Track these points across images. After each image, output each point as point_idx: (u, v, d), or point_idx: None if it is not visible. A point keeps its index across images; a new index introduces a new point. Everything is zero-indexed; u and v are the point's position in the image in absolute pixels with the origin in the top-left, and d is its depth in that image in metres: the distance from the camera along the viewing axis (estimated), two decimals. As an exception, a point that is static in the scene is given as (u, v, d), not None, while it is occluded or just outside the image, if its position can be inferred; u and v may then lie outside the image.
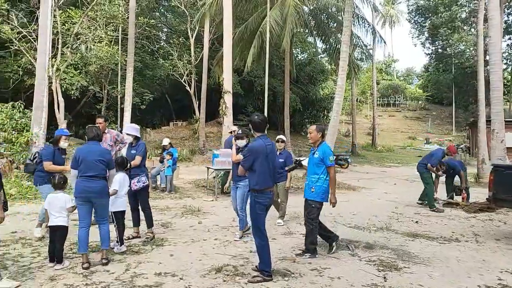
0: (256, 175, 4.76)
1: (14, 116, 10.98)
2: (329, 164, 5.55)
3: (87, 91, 21.66)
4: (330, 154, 5.59)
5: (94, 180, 5.20)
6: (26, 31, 14.02)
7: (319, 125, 5.90)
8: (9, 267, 5.11)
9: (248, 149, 4.81)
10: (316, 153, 5.64)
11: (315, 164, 5.64)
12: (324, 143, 5.72)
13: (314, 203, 5.62)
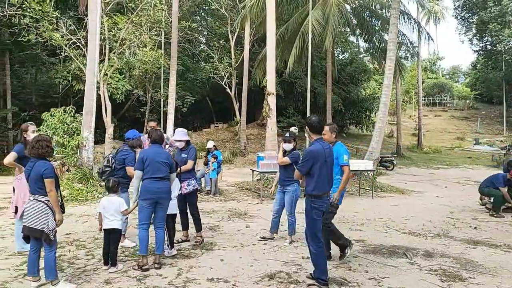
0: (314, 180, 4.59)
1: (65, 120, 11.34)
2: (343, 163, 5.44)
3: (131, 95, 22.21)
4: (345, 153, 5.49)
5: (162, 181, 5.32)
6: (76, 38, 14.48)
7: (331, 125, 5.70)
8: (65, 269, 5.19)
9: (306, 153, 4.62)
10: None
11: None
12: (339, 142, 5.62)
13: (332, 208, 5.37)
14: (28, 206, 4.51)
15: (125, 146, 6.46)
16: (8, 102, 21.95)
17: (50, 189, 4.47)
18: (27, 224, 4.45)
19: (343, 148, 5.54)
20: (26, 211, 4.50)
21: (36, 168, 4.50)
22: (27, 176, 4.56)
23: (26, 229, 4.47)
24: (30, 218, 4.44)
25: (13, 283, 4.69)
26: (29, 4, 13.05)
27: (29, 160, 5.65)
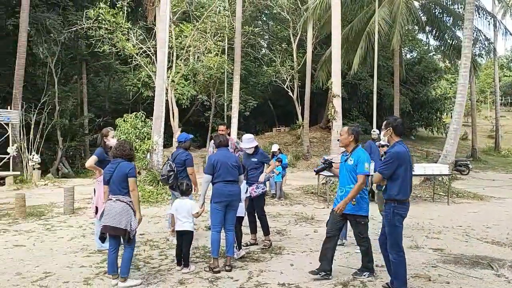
0: (399, 183, 4.33)
1: (137, 125, 11.88)
2: (363, 172, 4.78)
3: (196, 100, 22.84)
4: (366, 160, 4.85)
5: (233, 184, 5.43)
6: (146, 47, 15.19)
7: (352, 126, 5.22)
8: (141, 268, 5.37)
9: (391, 155, 4.38)
10: (350, 159, 4.94)
11: (350, 172, 4.92)
12: (359, 147, 5.02)
13: (362, 218, 4.92)
14: (111, 206, 4.71)
15: (180, 149, 6.64)
16: (85, 109, 23.51)
17: (133, 188, 4.72)
18: (111, 223, 4.65)
19: (365, 155, 4.91)
20: (109, 211, 4.71)
21: (120, 168, 4.72)
22: (109, 178, 4.77)
23: (110, 228, 4.67)
24: (114, 218, 4.65)
25: (95, 280, 4.92)
26: (104, 17, 13.89)
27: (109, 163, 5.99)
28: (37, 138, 16.59)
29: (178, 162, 6.52)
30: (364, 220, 4.91)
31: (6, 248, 6.18)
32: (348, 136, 5.00)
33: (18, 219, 8.22)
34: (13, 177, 14.50)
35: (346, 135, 5.01)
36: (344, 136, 5.02)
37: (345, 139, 5.01)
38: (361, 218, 4.90)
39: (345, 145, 5.05)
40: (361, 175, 4.78)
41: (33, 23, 18.13)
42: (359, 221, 4.91)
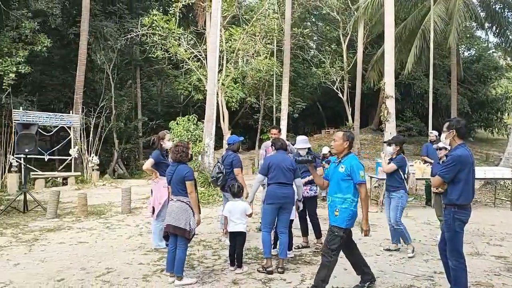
0: (460, 187, 4.15)
1: (189, 128, 12.21)
2: (360, 180, 4.37)
3: (245, 103, 23.08)
4: (361, 168, 4.44)
5: (287, 187, 5.48)
6: (197, 51, 15.58)
7: (347, 132, 4.71)
8: (196, 267, 5.51)
9: (453, 158, 4.20)
10: (341, 166, 4.48)
11: (340, 181, 4.46)
12: (352, 154, 4.57)
13: (338, 229, 4.39)
14: (172, 206, 4.91)
15: (229, 151, 6.76)
16: (139, 113, 24.46)
17: (191, 191, 4.90)
18: (172, 222, 4.83)
19: (357, 162, 4.48)
20: (170, 210, 4.90)
21: (178, 171, 4.94)
22: (170, 179, 4.99)
23: (171, 228, 4.84)
24: (175, 217, 4.83)
25: (153, 277, 5.10)
26: (158, 23, 14.40)
27: (165, 165, 6.23)
28: (96, 141, 17.50)
29: (226, 163, 6.65)
30: (339, 231, 4.36)
31: (71, 245, 6.56)
32: (343, 142, 4.53)
33: (81, 217, 8.70)
34: (75, 177, 15.36)
35: (341, 141, 4.53)
36: (339, 142, 4.54)
37: (340, 146, 4.53)
38: (337, 229, 4.38)
39: (339, 152, 4.57)
40: (360, 185, 4.37)
41: (92, 31, 19.14)
42: (333, 230, 4.41)
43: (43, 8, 17.50)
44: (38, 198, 9.95)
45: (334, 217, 4.42)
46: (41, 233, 7.24)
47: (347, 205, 4.36)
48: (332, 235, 4.40)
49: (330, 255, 4.37)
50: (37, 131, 10.00)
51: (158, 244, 6.32)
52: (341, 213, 4.37)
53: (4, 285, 4.73)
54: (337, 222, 4.37)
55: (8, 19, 17.37)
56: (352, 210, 4.38)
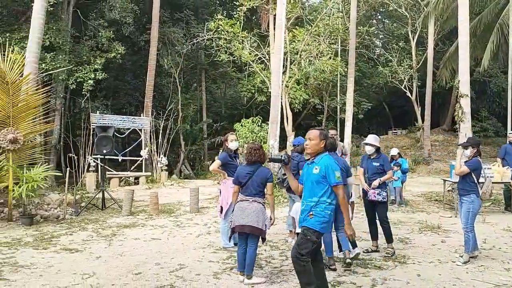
0: None
1: (254, 130, 12.36)
2: (335, 182, 3.99)
3: (308, 104, 22.91)
4: (336, 168, 4.04)
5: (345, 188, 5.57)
6: (261, 54, 15.74)
7: (323, 130, 4.25)
8: (264, 267, 5.54)
9: None
10: (315, 167, 4.08)
11: (315, 183, 4.08)
12: (326, 154, 4.15)
13: (310, 232, 3.99)
14: (248, 207, 4.96)
15: (294, 153, 6.75)
16: (204, 115, 25.19)
17: (271, 192, 5.09)
18: (249, 223, 4.89)
19: (333, 162, 4.06)
20: (244, 210, 4.95)
21: (260, 173, 5.04)
22: (246, 180, 5.02)
23: (248, 228, 4.90)
24: (252, 218, 4.89)
25: (223, 275, 5.21)
26: (223, 28, 14.76)
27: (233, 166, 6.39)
28: (164, 142, 18.30)
29: (292, 165, 6.62)
30: (312, 235, 3.96)
31: (146, 241, 6.89)
32: (320, 141, 4.09)
33: (153, 215, 9.12)
34: (145, 177, 16.16)
35: (317, 140, 4.08)
36: (315, 142, 4.08)
37: (316, 145, 4.09)
38: (310, 232, 3.99)
39: (314, 152, 4.14)
40: (336, 187, 3.98)
41: (160, 37, 20.03)
42: (306, 233, 4.01)
43: (116, 17, 18.62)
44: (113, 196, 10.57)
45: (308, 220, 4.02)
46: (118, 229, 7.68)
47: (323, 208, 4.00)
48: (303, 239, 4.00)
49: (301, 260, 3.95)
50: (113, 133, 10.63)
51: (226, 243, 6.45)
52: (317, 215, 3.99)
53: (88, 276, 5.07)
54: (312, 224, 3.99)
55: (86, 29, 18.70)
56: (328, 213, 4.03)
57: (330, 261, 5.37)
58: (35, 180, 8.01)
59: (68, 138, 18.47)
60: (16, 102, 8.36)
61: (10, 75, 8.21)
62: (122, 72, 22.52)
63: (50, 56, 15.25)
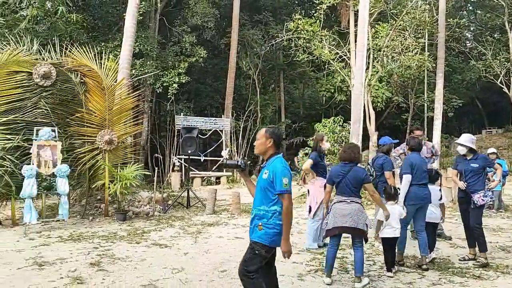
0: None
1: (335, 130, 12.08)
2: (281, 190, 3.43)
3: (391, 102, 21.93)
4: (285, 174, 3.45)
5: (426, 188, 5.60)
6: (341, 52, 15.36)
7: (271, 128, 3.72)
8: (350, 271, 5.33)
9: None
10: (265, 171, 3.55)
11: (264, 190, 3.54)
12: (278, 157, 3.58)
13: (259, 247, 3.50)
14: (347, 208, 4.80)
15: (379, 153, 6.61)
16: (282, 116, 25.25)
17: (373, 191, 4.99)
18: (349, 224, 4.75)
19: (282, 166, 3.50)
20: (342, 211, 4.78)
21: (355, 173, 4.88)
22: (340, 180, 4.86)
23: (349, 229, 4.78)
24: (352, 218, 4.75)
25: (307, 276, 5.10)
26: (303, 27, 14.64)
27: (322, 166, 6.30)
28: (244, 143, 18.62)
29: (376, 166, 6.49)
30: (260, 249, 3.50)
31: (229, 239, 7.01)
32: (266, 140, 3.62)
33: (235, 215, 9.27)
34: (226, 177, 16.56)
35: (263, 139, 3.63)
36: (260, 141, 3.63)
37: (262, 145, 3.63)
38: (258, 246, 3.51)
39: (262, 153, 3.68)
40: (282, 195, 3.45)
41: (239, 40, 20.46)
42: (254, 247, 3.53)
43: (198, 23, 19.37)
44: (197, 195, 10.94)
45: (257, 232, 3.54)
46: (203, 227, 7.90)
47: (273, 219, 3.49)
48: (251, 254, 3.54)
49: (250, 278, 3.49)
50: (197, 134, 11.01)
51: (310, 244, 6.34)
52: (266, 228, 3.49)
53: (177, 271, 5.26)
54: (260, 238, 3.50)
55: (171, 36, 19.69)
56: (280, 225, 3.50)
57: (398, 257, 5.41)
58: (127, 178, 8.54)
59: (154, 139, 19.57)
60: (111, 106, 8.98)
61: (106, 81, 8.84)
62: (203, 75, 23.37)
63: (139, 62, 16.28)
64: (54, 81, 8.37)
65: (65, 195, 7.76)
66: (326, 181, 5.00)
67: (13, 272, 5.12)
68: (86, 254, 5.91)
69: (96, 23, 18.67)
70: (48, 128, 7.94)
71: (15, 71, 8.14)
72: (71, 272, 5.07)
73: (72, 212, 8.66)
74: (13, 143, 7.84)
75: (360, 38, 11.15)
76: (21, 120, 8.12)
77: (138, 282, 4.82)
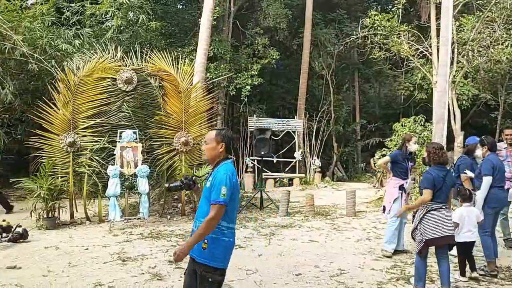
0: None
1: (415, 130, 11.37)
2: (216, 200, 2.95)
3: (477, 100, 20.27)
4: (225, 183, 2.97)
5: (505, 191, 5.52)
6: (422, 47, 14.49)
7: (222, 130, 3.22)
8: (435, 281, 4.94)
9: None
10: (209, 179, 3.11)
11: (207, 198, 3.08)
12: (226, 163, 3.13)
13: (208, 271, 2.97)
14: (448, 216, 4.52)
15: (463, 154, 6.33)
16: (357, 116, 24.48)
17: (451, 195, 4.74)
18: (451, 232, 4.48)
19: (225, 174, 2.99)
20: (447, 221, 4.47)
21: (450, 177, 4.65)
22: (441, 186, 4.48)
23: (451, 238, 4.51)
24: (451, 226, 4.50)
25: (387, 285, 4.85)
26: (380, 23, 14.03)
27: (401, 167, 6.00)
28: (317, 144, 18.32)
29: (456, 167, 6.15)
30: (214, 275, 2.98)
31: (303, 242, 6.86)
32: (217, 145, 3.14)
33: (309, 217, 9.08)
34: (299, 178, 16.38)
35: (213, 143, 3.15)
36: (210, 145, 3.16)
37: (213, 150, 3.15)
38: (211, 272, 2.98)
39: (211, 158, 3.19)
40: (215, 205, 2.94)
41: (312, 40, 20.18)
42: (206, 276, 2.98)
43: (270, 25, 19.43)
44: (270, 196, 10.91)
45: (201, 252, 3.01)
46: (277, 229, 7.83)
47: (219, 235, 3.01)
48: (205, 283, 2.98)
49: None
50: (270, 135, 10.99)
51: (386, 247, 6.10)
52: (211, 246, 2.99)
53: (252, 272, 5.22)
54: (207, 259, 2.99)
55: (244, 38, 19.97)
56: (229, 241, 3.07)
57: (490, 266, 5.14)
58: (203, 179, 8.72)
59: (228, 141, 19.92)
60: (187, 109, 9.25)
61: (182, 85, 9.14)
62: (275, 76, 23.39)
63: (213, 65, 16.70)
64: (135, 86, 8.83)
65: (145, 194, 8.13)
66: (425, 185, 4.50)
67: (100, 266, 5.42)
68: (164, 251, 6.10)
69: (173, 30, 19.47)
70: (130, 131, 8.38)
71: (102, 77, 8.70)
72: (151, 269, 5.25)
73: (151, 211, 9.04)
74: (100, 145, 8.39)
75: (443, 32, 10.38)
76: (106, 123, 8.66)
77: (214, 282, 4.86)
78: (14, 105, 11.49)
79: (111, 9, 13.21)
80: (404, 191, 6.07)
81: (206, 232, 2.92)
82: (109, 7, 13.15)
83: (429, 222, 4.43)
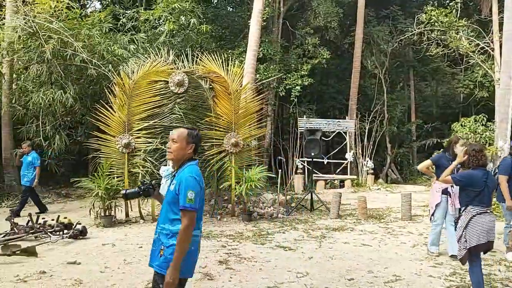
0: None
1: (477, 130, 10.75)
2: (183, 205, 2.73)
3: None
4: (191, 186, 2.75)
5: None
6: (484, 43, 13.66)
7: (193, 130, 2.97)
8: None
9: None
10: (174, 182, 2.87)
11: (169, 204, 2.86)
12: (191, 164, 2.89)
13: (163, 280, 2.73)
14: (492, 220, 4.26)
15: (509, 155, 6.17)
16: (412, 115, 23.50)
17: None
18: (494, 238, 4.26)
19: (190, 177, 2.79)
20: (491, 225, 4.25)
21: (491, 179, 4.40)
22: (482, 188, 4.24)
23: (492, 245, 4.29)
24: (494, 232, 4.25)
25: (447, 296, 4.52)
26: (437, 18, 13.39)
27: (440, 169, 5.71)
28: (370, 145, 17.79)
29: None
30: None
31: (356, 246, 6.64)
32: (187, 145, 2.90)
33: (361, 220, 8.81)
34: (350, 180, 15.99)
35: (183, 143, 2.89)
36: (179, 145, 2.89)
37: (181, 150, 2.90)
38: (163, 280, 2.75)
39: (178, 159, 2.92)
40: (185, 212, 2.72)
41: (364, 38, 19.64)
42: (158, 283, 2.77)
43: (321, 24, 19.14)
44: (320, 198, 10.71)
45: (159, 260, 2.80)
46: (327, 231, 7.65)
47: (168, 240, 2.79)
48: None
49: None
50: (321, 136, 10.79)
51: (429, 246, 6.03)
52: (168, 254, 2.76)
53: (302, 275, 5.11)
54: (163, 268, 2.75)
55: (294, 38, 19.83)
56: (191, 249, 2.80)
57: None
58: (252, 180, 8.71)
59: (277, 142, 19.85)
60: (237, 110, 9.29)
61: (232, 86, 9.19)
62: (325, 76, 23.01)
63: (263, 66, 16.70)
64: (187, 88, 8.99)
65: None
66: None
67: (152, 264, 5.54)
68: (215, 252, 6.14)
69: (223, 32, 19.71)
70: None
71: (155, 80, 8.95)
72: (202, 268, 5.29)
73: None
74: (153, 146, 8.62)
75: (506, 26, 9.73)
76: (159, 125, 8.89)
77: (264, 283, 4.80)
78: (74, 108, 12.15)
79: (164, 14, 13.60)
80: (449, 195, 5.76)
81: (185, 244, 2.73)
82: (162, 12, 13.55)
83: (476, 228, 4.18)
